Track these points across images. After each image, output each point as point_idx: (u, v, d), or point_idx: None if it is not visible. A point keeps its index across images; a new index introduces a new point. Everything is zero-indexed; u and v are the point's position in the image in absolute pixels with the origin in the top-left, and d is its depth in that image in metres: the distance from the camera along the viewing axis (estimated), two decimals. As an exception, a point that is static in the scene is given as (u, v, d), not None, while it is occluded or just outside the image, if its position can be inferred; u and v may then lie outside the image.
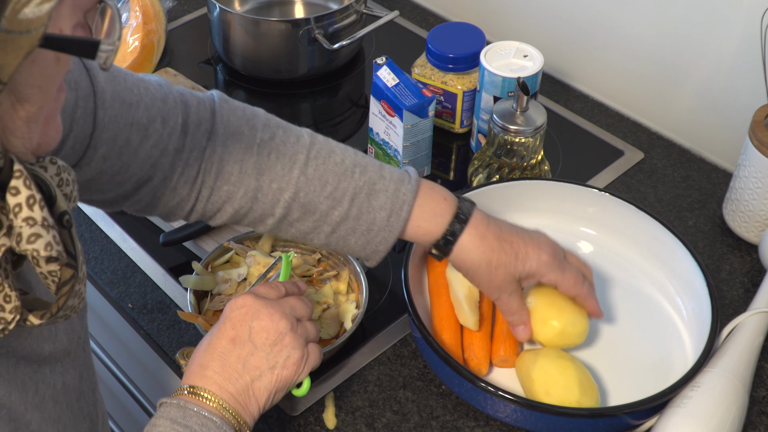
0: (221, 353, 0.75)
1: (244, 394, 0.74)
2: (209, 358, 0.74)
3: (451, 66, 1.16)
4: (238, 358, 0.74)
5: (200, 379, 0.74)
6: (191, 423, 0.71)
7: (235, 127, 0.81)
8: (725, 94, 1.17)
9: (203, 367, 0.74)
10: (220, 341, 0.75)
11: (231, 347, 0.75)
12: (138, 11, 1.26)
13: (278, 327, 0.76)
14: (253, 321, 0.76)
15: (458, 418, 0.89)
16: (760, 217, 1.03)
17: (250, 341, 0.75)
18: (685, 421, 0.81)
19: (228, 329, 0.76)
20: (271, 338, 0.76)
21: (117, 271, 1.04)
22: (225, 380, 0.74)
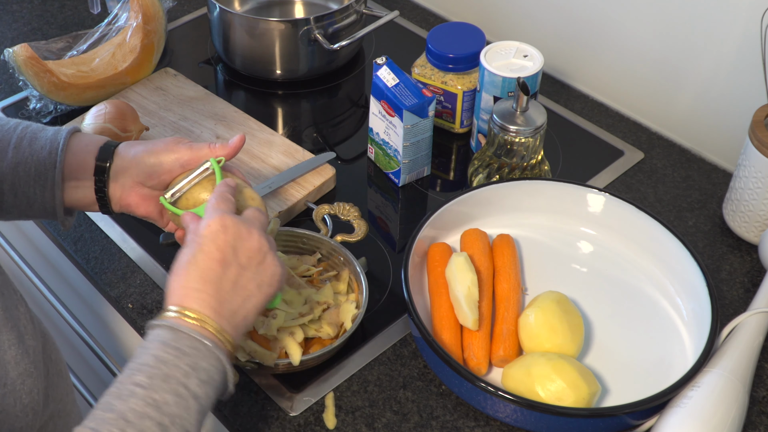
0: (213, 276, 0.74)
1: (236, 316, 0.74)
2: (201, 281, 0.73)
3: (451, 66, 1.16)
4: (228, 280, 0.74)
5: (194, 302, 0.73)
6: (182, 345, 0.70)
7: None
8: (725, 94, 1.17)
9: (196, 290, 0.73)
10: (208, 263, 0.74)
11: (221, 270, 0.74)
12: (138, 11, 1.26)
13: (261, 246, 0.77)
14: (236, 241, 0.76)
15: (458, 418, 0.89)
16: (760, 217, 1.03)
17: (236, 262, 0.75)
18: (685, 421, 0.81)
19: (214, 251, 0.75)
20: (256, 258, 0.76)
21: (117, 271, 1.04)
22: (219, 304, 0.73)
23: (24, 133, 0.88)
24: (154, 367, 0.69)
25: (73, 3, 1.47)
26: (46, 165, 0.87)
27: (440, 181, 1.18)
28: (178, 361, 0.69)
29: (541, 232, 1.05)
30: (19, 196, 0.88)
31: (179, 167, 0.88)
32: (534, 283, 1.00)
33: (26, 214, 0.90)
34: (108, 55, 1.26)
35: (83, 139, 0.90)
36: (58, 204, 0.88)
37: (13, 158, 0.87)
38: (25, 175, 0.87)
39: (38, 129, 0.89)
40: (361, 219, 1.02)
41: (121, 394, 0.68)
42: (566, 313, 0.91)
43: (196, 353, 0.71)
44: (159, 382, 0.68)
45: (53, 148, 0.87)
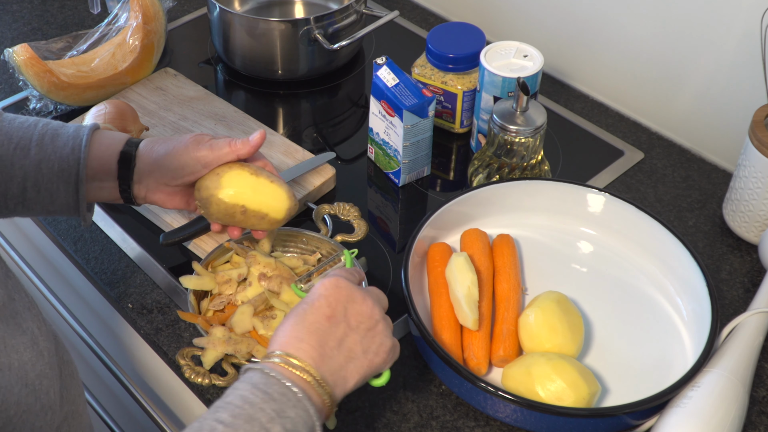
0: (318, 330, 0.73)
1: (336, 375, 0.73)
2: (305, 332, 0.73)
3: (451, 66, 1.16)
4: (334, 337, 0.74)
5: (295, 350, 0.72)
6: (271, 390, 0.69)
7: None
8: (725, 94, 1.17)
9: (300, 339, 0.73)
10: (316, 317, 0.74)
11: (328, 325, 0.74)
12: (138, 11, 1.26)
13: (373, 313, 0.77)
14: (348, 302, 0.76)
15: (458, 418, 0.89)
16: (760, 217, 1.03)
17: (345, 322, 0.75)
18: (685, 421, 0.81)
19: (324, 307, 0.75)
20: (366, 323, 0.76)
21: (117, 271, 1.04)
22: (321, 356, 0.73)
23: (45, 129, 0.90)
24: (239, 407, 0.68)
25: (73, 3, 1.47)
26: (69, 162, 0.89)
27: (440, 181, 1.18)
28: (265, 405, 0.68)
29: (541, 232, 1.05)
30: (42, 192, 0.90)
31: (201, 168, 0.91)
32: (534, 283, 1.00)
33: (48, 210, 0.92)
34: (108, 55, 1.26)
35: (105, 139, 0.92)
36: (82, 200, 0.90)
37: (36, 155, 0.89)
38: (48, 172, 0.89)
39: (59, 126, 0.91)
40: (361, 219, 1.02)
41: (202, 429, 0.67)
42: (566, 313, 0.91)
43: (285, 400, 0.69)
44: (241, 423, 0.67)
45: (76, 145, 0.89)
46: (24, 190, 0.89)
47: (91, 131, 0.91)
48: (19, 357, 0.73)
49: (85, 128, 0.91)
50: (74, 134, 0.90)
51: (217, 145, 0.91)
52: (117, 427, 1.26)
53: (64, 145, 0.89)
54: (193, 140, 0.91)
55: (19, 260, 1.28)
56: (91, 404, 1.33)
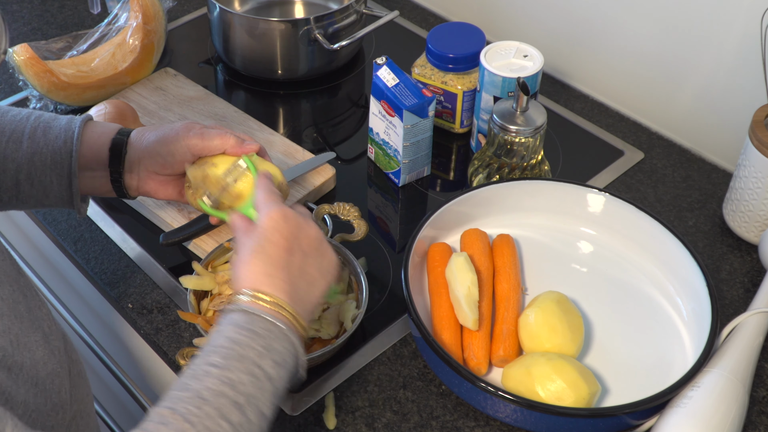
0: (282, 263, 0.76)
1: (305, 302, 0.77)
2: (273, 267, 0.75)
3: (451, 66, 1.15)
4: (296, 266, 0.77)
5: (267, 287, 0.75)
6: (256, 327, 0.72)
7: None
8: (725, 94, 1.17)
9: (269, 275, 0.75)
10: (277, 251, 0.76)
11: (288, 257, 0.77)
12: (138, 11, 1.26)
13: (318, 235, 0.80)
14: (298, 230, 0.78)
15: (458, 418, 0.89)
16: (760, 217, 1.03)
17: (300, 250, 0.78)
18: (685, 421, 0.81)
19: (280, 240, 0.77)
20: (315, 245, 0.79)
21: (117, 271, 1.04)
22: (291, 288, 0.76)
23: (37, 123, 0.90)
24: (229, 348, 0.70)
25: (73, 3, 1.47)
26: (62, 155, 0.89)
27: (440, 181, 1.18)
28: (253, 342, 0.71)
29: (541, 232, 1.05)
30: (36, 185, 0.90)
31: (191, 156, 0.90)
32: (534, 283, 1.00)
33: (42, 203, 0.92)
34: (108, 55, 1.26)
35: (96, 128, 0.92)
36: (75, 193, 0.90)
37: (28, 148, 0.89)
38: (41, 164, 0.89)
39: (51, 118, 0.91)
40: (361, 219, 1.02)
41: (196, 374, 0.69)
42: (566, 313, 0.91)
43: (270, 335, 0.72)
44: (234, 362, 0.69)
45: (68, 138, 0.89)
46: (17, 183, 0.89)
47: (83, 122, 0.91)
48: (31, 355, 0.73)
49: (77, 120, 0.91)
50: (66, 126, 0.90)
51: (209, 135, 0.90)
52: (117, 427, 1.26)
53: (56, 137, 0.89)
54: (184, 127, 0.91)
55: (19, 260, 1.28)
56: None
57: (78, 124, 0.91)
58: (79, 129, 0.90)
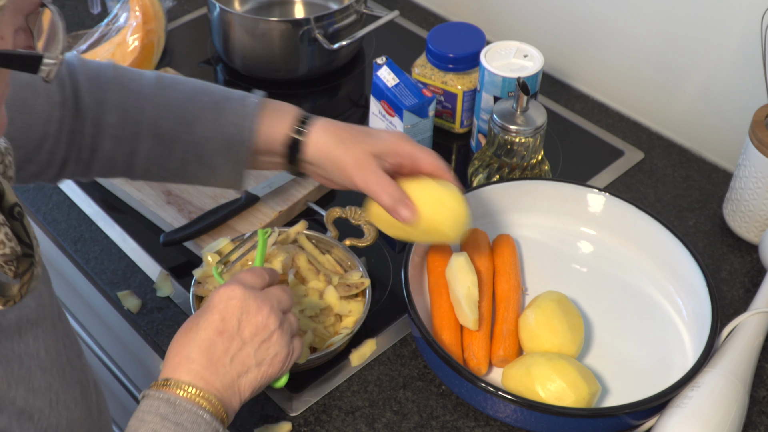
0: (209, 346, 0.72)
1: (229, 390, 0.73)
2: (196, 351, 0.72)
3: (451, 66, 1.16)
4: (226, 352, 0.73)
5: (186, 373, 0.72)
6: (183, 420, 0.69)
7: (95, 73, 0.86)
8: (725, 94, 1.17)
9: (189, 359, 0.72)
10: (207, 332, 0.73)
11: (219, 340, 0.73)
12: (138, 11, 1.26)
13: (267, 323, 0.75)
14: (242, 314, 0.74)
15: (458, 418, 0.89)
16: (760, 217, 1.03)
17: (238, 335, 0.73)
18: (685, 421, 0.81)
19: (216, 320, 0.73)
20: (260, 335, 0.74)
21: (117, 271, 1.04)
22: (212, 375, 0.72)
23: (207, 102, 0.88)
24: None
25: (73, 3, 1.47)
26: (234, 142, 0.87)
27: (440, 181, 1.18)
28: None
29: (541, 232, 1.05)
30: (204, 165, 0.88)
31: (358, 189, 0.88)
32: (534, 283, 1.00)
33: (207, 183, 0.91)
34: (108, 55, 1.26)
35: (273, 119, 0.88)
36: (245, 177, 0.90)
37: (200, 132, 0.87)
38: (211, 148, 0.87)
39: (222, 98, 0.88)
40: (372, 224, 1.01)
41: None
42: (566, 314, 0.91)
43: (196, 427, 0.70)
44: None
45: (244, 126, 0.87)
46: (184, 162, 0.88)
47: (259, 110, 0.88)
48: (68, 414, 0.70)
49: (252, 105, 0.88)
50: (240, 112, 0.87)
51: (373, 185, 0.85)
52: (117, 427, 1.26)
53: (230, 123, 0.87)
54: (356, 164, 0.86)
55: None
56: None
57: (253, 111, 0.87)
58: (254, 117, 0.87)
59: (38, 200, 1.13)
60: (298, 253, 0.96)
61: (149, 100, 0.86)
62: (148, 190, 1.10)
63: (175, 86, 0.88)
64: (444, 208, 0.87)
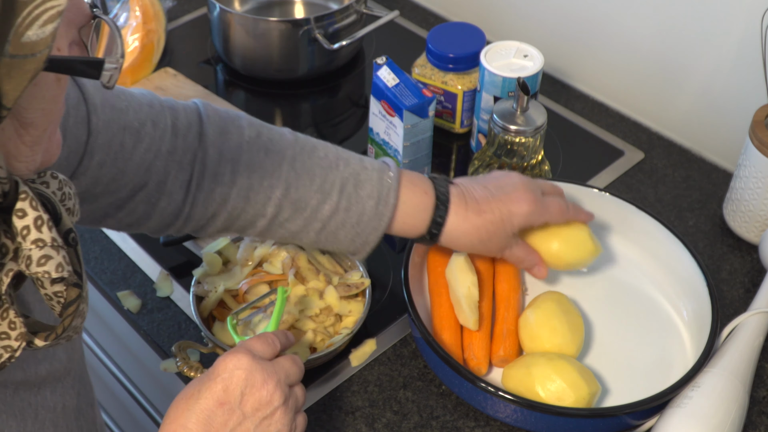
0: (207, 416, 0.69)
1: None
2: (194, 421, 0.69)
3: (451, 66, 1.16)
4: (225, 425, 0.70)
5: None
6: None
7: (223, 128, 0.83)
8: (725, 94, 1.17)
9: (186, 429, 0.69)
10: (207, 402, 0.70)
11: (219, 411, 0.70)
12: (138, 11, 1.26)
13: (272, 399, 0.71)
14: (246, 387, 0.71)
15: (458, 418, 0.89)
16: (760, 217, 1.03)
17: (240, 409, 0.70)
18: (685, 421, 0.81)
19: (218, 390, 0.70)
20: (263, 410, 0.71)
21: (117, 271, 1.04)
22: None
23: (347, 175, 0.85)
24: None
25: (73, 3, 1.47)
26: (368, 219, 0.86)
27: (440, 181, 1.18)
28: None
29: (541, 232, 1.05)
30: (330, 234, 0.87)
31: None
32: (534, 284, 1.00)
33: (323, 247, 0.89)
34: (108, 55, 1.26)
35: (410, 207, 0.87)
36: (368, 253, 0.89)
37: (336, 203, 0.85)
38: (343, 220, 0.85)
39: (360, 169, 0.86)
40: None
41: None
42: (566, 314, 0.91)
43: None
44: None
45: (381, 209, 0.86)
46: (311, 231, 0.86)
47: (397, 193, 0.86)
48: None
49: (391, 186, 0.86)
50: (378, 192, 0.85)
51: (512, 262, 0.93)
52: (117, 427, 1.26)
53: (368, 197, 0.85)
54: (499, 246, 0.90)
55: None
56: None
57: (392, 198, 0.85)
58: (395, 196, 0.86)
59: (38, 200, 1.12)
60: (298, 253, 0.96)
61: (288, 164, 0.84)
62: (148, 190, 1.10)
63: (312, 150, 0.86)
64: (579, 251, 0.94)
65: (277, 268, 0.94)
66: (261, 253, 0.95)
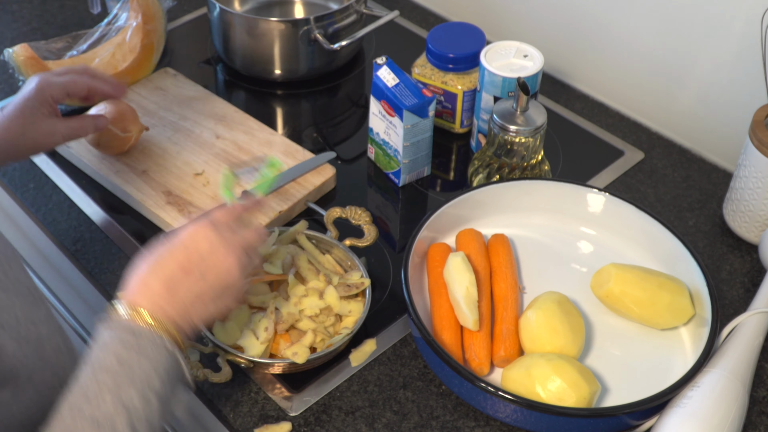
0: (169, 278, 0.75)
1: (185, 320, 0.76)
2: (158, 284, 0.75)
3: (451, 66, 1.16)
4: (187, 290, 0.75)
5: (148, 302, 0.74)
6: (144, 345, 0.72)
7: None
8: (725, 94, 1.17)
9: (150, 288, 0.74)
10: (171, 268, 0.75)
11: (181, 277, 0.75)
12: (138, 11, 1.26)
13: (231, 268, 0.77)
14: (208, 255, 0.76)
15: (458, 418, 0.89)
16: (760, 217, 1.03)
17: (201, 277, 0.75)
18: (685, 421, 0.81)
19: (181, 256, 0.75)
20: (222, 281, 0.77)
21: (117, 271, 1.04)
22: (171, 307, 0.74)
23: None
24: (118, 370, 0.70)
25: (73, 3, 1.47)
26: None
27: (440, 181, 1.18)
28: (141, 363, 0.71)
29: (541, 232, 1.05)
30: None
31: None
32: (534, 283, 1.00)
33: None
34: (108, 55, 1.26)
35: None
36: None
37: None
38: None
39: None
40: (372, 224, 1.01)
41: (87, 396, 0.69)
42: (567, 314, 0.91)
43: (156, 355, 0.72)
44: (125, 383, 0.70)
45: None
46: None
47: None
48: (36, 330, 0.72)
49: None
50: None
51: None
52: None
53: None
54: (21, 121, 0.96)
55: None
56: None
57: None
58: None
59: (38, 200, 1.13)
60: (298, 253, 0.96)
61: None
62: (148, 190, 1.10)
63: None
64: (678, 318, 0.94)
65: (277, 268, 0.94)
66: (261, 253, 0.95)
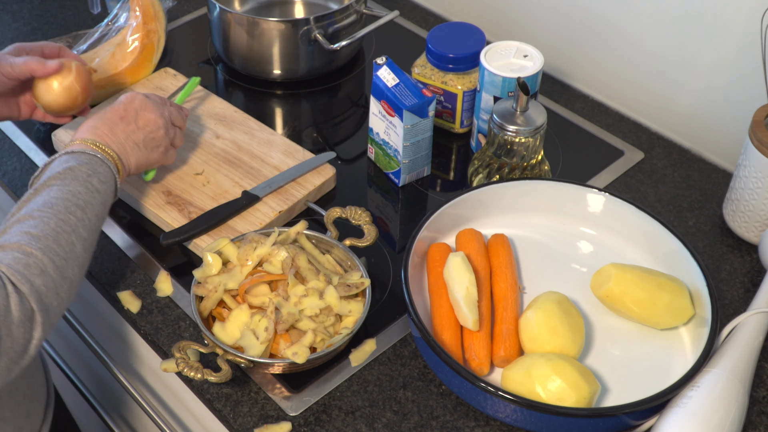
0: (111, 122, 0.99)
1: (122, 153, 0.98)
2: (101, 123, 0.98)
3: (451, 66, 1.16)
4: (124, 130, 0.99)
5: (91, 134, 0.96)
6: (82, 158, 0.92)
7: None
8: (725, 94, 1.17)
9: (96, 128, 0.97)
10: (111, 115, 0.99)
11: (119, 122, 0.99)
12: (138, 11, 1.26)
13: (157, 122, 1.02)
14: (140, 110, 1.01)
15: (458, 418, 0.89)
16: (760, 217, 1.03)
17: (134, 123, 1.00)
18: (684, 421, 0.81)
19: (120, 110, 1.00)
20: (150, 127, 1.01)
21: (117, 271, 1.04)
22: (109, 138, 0.97)
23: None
24: (63, 173, 0.89)
25: (73, 3, 1.47)
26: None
27: (440, 181, 1.18)
28: (81, 166, 0.91)
29: (541, 232, 1.06)
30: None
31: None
32: (534, 283, 1.00)
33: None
34: (108, 55, 1.26)
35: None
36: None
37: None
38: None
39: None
40: (372, 224, 1.01)
41: (38, 191, 0.86)
42: (567, 314, 0.91)
43: (93, 162, 0.92)
44: (70, 180, 0.89)
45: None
46: None
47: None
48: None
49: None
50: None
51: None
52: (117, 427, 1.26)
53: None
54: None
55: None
56: (91, 404, 1.34)
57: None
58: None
59: (38, 200, 1.13)
60: (298, 253, 0.96)
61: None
62: (148, 190, 1.10)
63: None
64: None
65: (277, 268, 0.94)
66: (261, 253, 0.95)
